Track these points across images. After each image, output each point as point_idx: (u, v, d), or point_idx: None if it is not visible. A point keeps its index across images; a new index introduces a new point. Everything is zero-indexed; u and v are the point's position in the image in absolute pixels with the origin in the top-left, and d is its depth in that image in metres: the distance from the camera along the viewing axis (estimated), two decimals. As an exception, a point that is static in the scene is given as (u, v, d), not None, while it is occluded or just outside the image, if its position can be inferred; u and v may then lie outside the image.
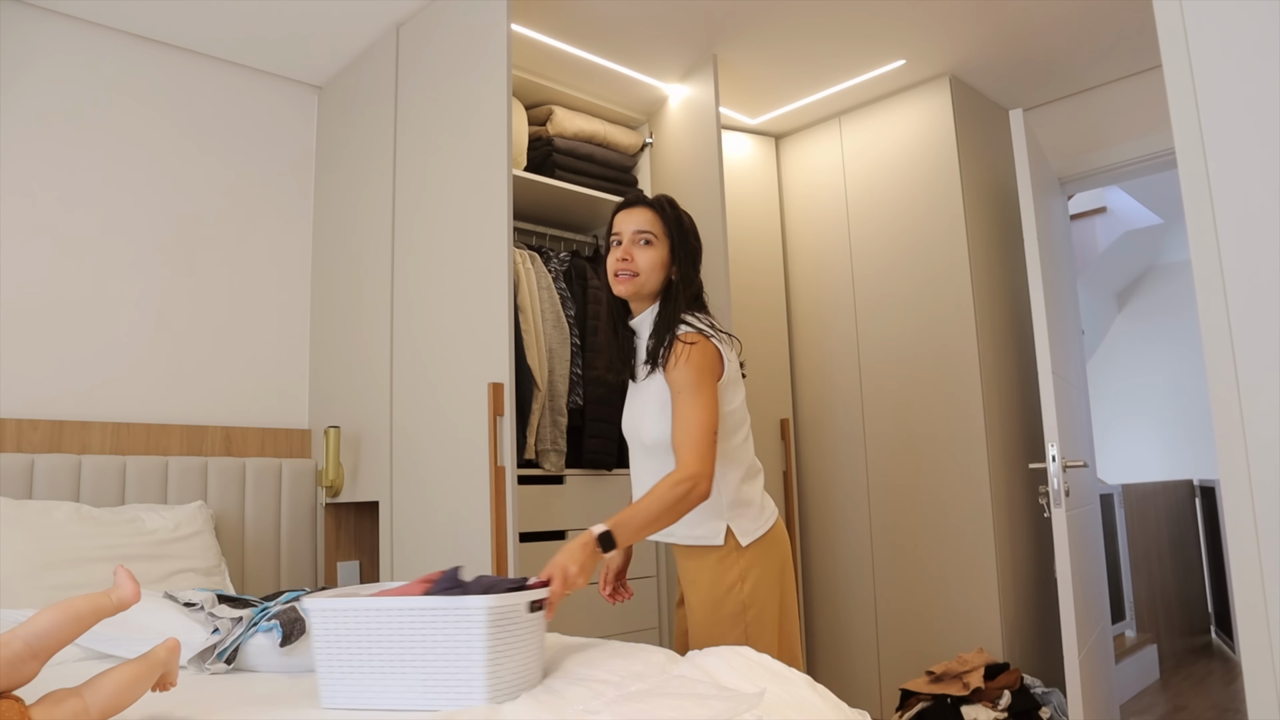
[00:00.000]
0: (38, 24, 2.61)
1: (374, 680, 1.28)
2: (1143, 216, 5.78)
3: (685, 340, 1.74)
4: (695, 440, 1.66)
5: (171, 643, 1.27)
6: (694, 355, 1.72)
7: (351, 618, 1.29)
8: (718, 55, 2.99)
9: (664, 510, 1.62)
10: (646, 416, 1.80)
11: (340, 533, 2.89)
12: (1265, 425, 1.40)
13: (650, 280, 1.82)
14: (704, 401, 1.69)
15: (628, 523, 1.61)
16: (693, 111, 3.20)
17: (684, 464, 1.66)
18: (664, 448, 1.77)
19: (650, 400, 1.80)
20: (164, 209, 2.80)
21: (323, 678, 1.31)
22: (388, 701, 1.27)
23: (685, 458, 1.66)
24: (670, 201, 1.88)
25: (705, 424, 1.68)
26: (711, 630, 1.76)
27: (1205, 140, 1.49)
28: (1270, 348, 1.40)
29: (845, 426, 3.39)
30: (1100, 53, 3.10)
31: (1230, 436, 1.43)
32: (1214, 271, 1.46)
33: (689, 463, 1.65)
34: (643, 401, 1.83)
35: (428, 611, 1.27)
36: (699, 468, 1.65)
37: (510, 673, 1.29)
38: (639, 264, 1.81)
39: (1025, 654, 3.02)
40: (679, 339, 1.74)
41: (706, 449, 1.67)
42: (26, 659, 1.10)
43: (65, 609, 1.16)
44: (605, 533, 1.58)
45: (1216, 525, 4.93)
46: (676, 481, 1.63)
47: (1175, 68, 1.52)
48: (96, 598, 1.20)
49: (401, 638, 1.27)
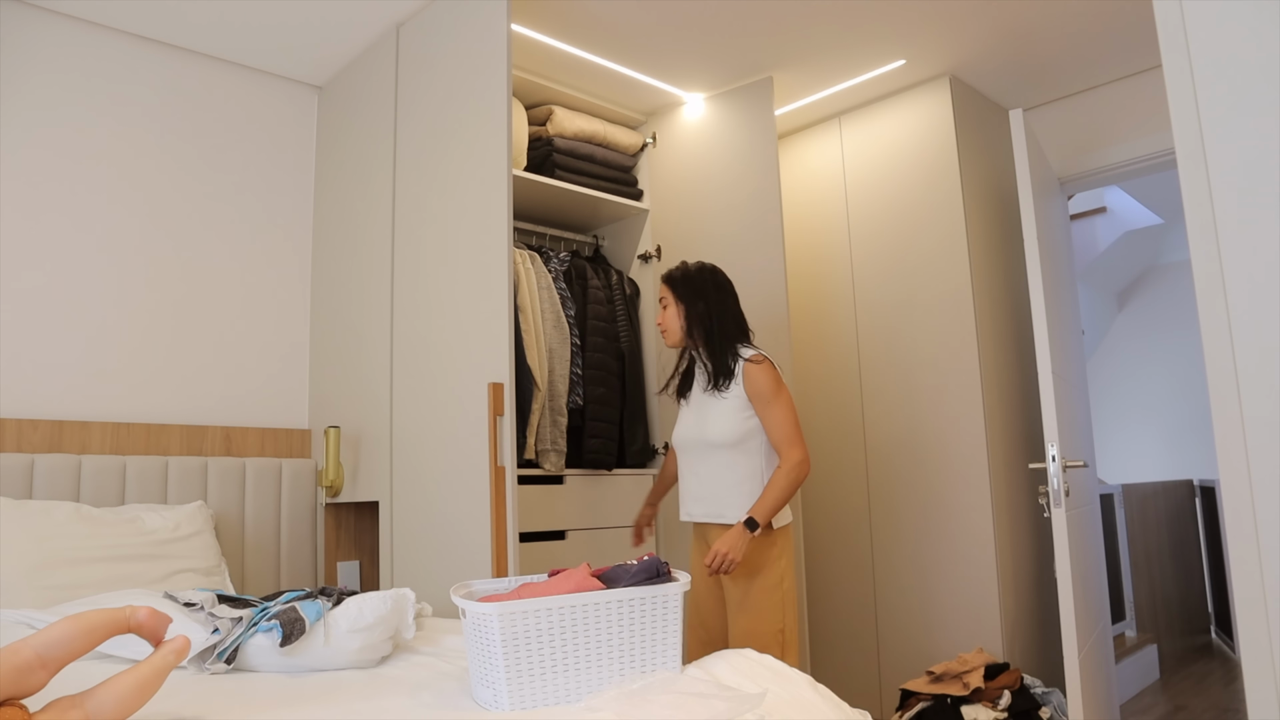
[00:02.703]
0: (38, 24, 2.61)
1: (567, 677, 1.32)
2: (1143, 216, 5.78)
3: (754, 361, 2.28)
4: (790, 434, 2.24)
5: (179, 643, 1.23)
6: (767, 370, 2.27)
7: (546, 617, 1.31)
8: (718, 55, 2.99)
9: (789, 490, 2.21)
10: (716, 423, 2.29)
11: (340, 533, 2.89)
12: (1265, 425, 1.40)
13: (673, 331, 2.38)
14: (785, 402, 2.26)
15: (763, 506, 2.19)
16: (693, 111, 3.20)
17: (789, 454, 2.22)
18: (731, 445, 2.27)
19: (717, 411, 2.30)
20: (164, 209, 2.80)
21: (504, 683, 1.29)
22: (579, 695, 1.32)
23: (788, 450, 2.23)
24: (682, 271, 2.40)
25: (793, 420, 2.26)
26: (747, 597, 2.24)
27: (1205, 140, 1.49)
28: (1270, 348, 1.40)
29: (845, 426, 3.39)
30: (1100, 53, 3.10)
31: (1230, 436, 1.43)
32: (1214, 271, 1.46)
33: (793, 452, 2.22)
34: (707, 413, 2.32)
35: (630, 602, 1.36)
36: (801, 453, 2.23)
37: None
38: (664, 322, 2.40)
39: (1025, 654, 3.02)
40: (748, 361, 2.28)
41: (800, 438, 2.25)
42: (36, 668, 1.10)
43: (79, 622, 1.16)
44: (750, 519, 2.18)
45: (1216, 525, 4.93)
46: (792, 467, 2.21)
47: (1175, 68, 1.53)
48: (113, 613, 1.20)
49: (599, 629, 1.34)
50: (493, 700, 1.30)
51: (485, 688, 1.32)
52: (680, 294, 2.37)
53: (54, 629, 1.14)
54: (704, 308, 2.34)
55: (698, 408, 2.37)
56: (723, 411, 2.29)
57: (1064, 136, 3.45)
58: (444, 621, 2.03)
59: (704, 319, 2.34)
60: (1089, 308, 6.21)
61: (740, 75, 3.11)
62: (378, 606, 1.65)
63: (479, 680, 1.34)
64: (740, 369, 2.29)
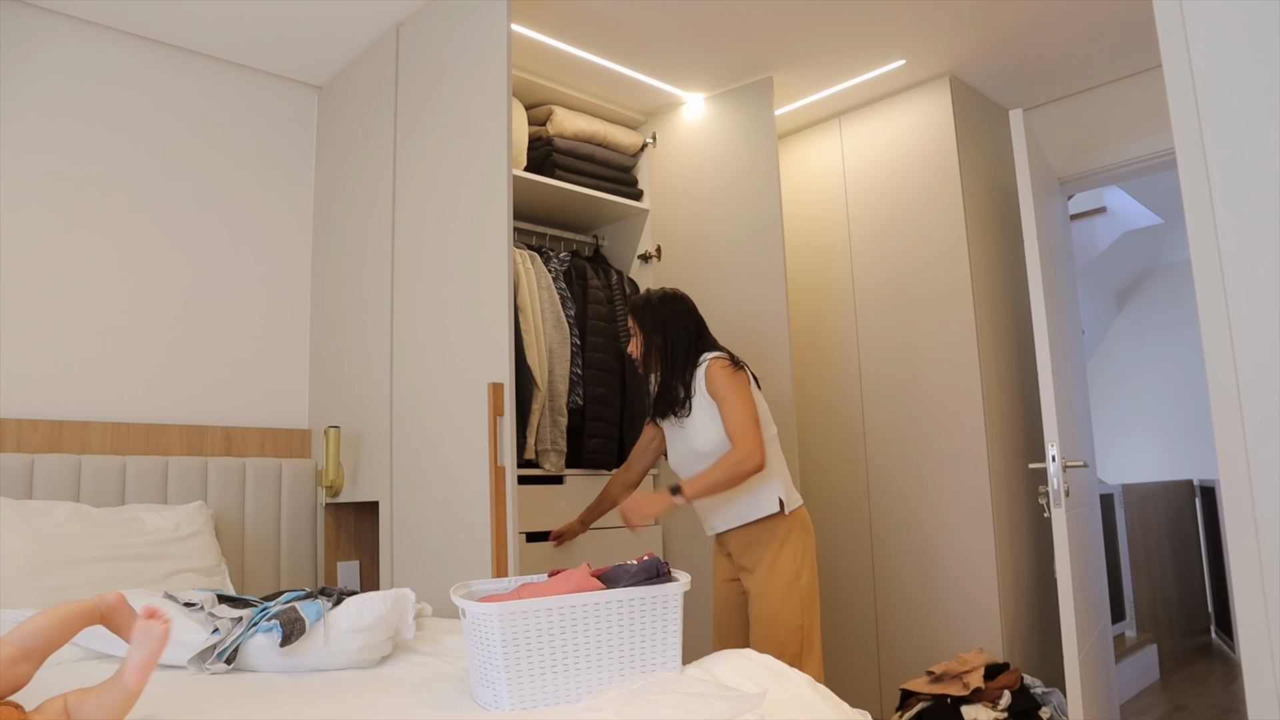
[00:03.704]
0: (38, 24, 2.61)
1: (567, 677, 1.31)
2: (1143, 216, 5.78)
3: (713, 363, 2.31)
4: (741, 428, 2.22)
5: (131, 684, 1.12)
6: (720, 367, 2.30)
7: (546, 617, 1.31)
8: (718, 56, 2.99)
9: (725, 478, 2.18)
10: (699, 434, 2.32)
11: (340, 533, 2.89)
12: (1265, 425, 1.40)
13: (644, 358, 2.44)
14: (742, 399, 2.25)
15: (695, 481, 2.20)
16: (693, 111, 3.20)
17: (737, 445, 2.20)
18: (720, 448, 2.28)
19: (696, 423, 2.33)
20: (163, 208, 2.80)
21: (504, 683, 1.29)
22: (579, 695, 1.31)
23: (737, 441, 2.21)
24: (644, 300, 2.45)
25: (748, 415, 2.23)
26: (765, 593, 2.27)
27: (1205, 140, 1.49)
28: (1270, 348, 1.40)
29: (845, 426, 3.39)
30: (1100, 53, 3.10)
31: (1230, 436, 1.43)
32: (1214, 271, 1.46)
33: (740, 444, 2.20)
34: (690, 427, 2.35)
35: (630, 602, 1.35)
36: (749, 446, 2.19)
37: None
38: (633, 350, 2.46)
39: (1025, 654, 3.03)
40: (707, 365, 2.31)
41: (751, 431, 2.21)
42: (19, 661, 1.13)
43: (54, 614, 1.19)
44: (675, 486, 2.20)
45: (1216, 525, 4.93)
46: (737, 459, 2.18)
47: (1175, 68, 1.52)
48: (85, 603, 1.22)
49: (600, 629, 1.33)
50: (493, 700, 1.30)
51: (485, 688, 1.32)
52: (641, 323, 2.43)
53: (30, 623, 1.17)
54: (661, 339, 2.40)
55: (679, 426, 2.41)
56: (701, 422, 2.33)
57: (1064, 136, 3.45)
58: (444, 621, 2.03)
59: (662, 349, 2.40)
60: (1089, 308, 6.21)
61: (740, 75, 3.11)
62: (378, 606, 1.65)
63: (479, 680, 1.34)
64: (701, 374, 2.33)
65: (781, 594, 2.26)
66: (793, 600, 2.26)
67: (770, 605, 2.26)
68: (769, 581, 2.28)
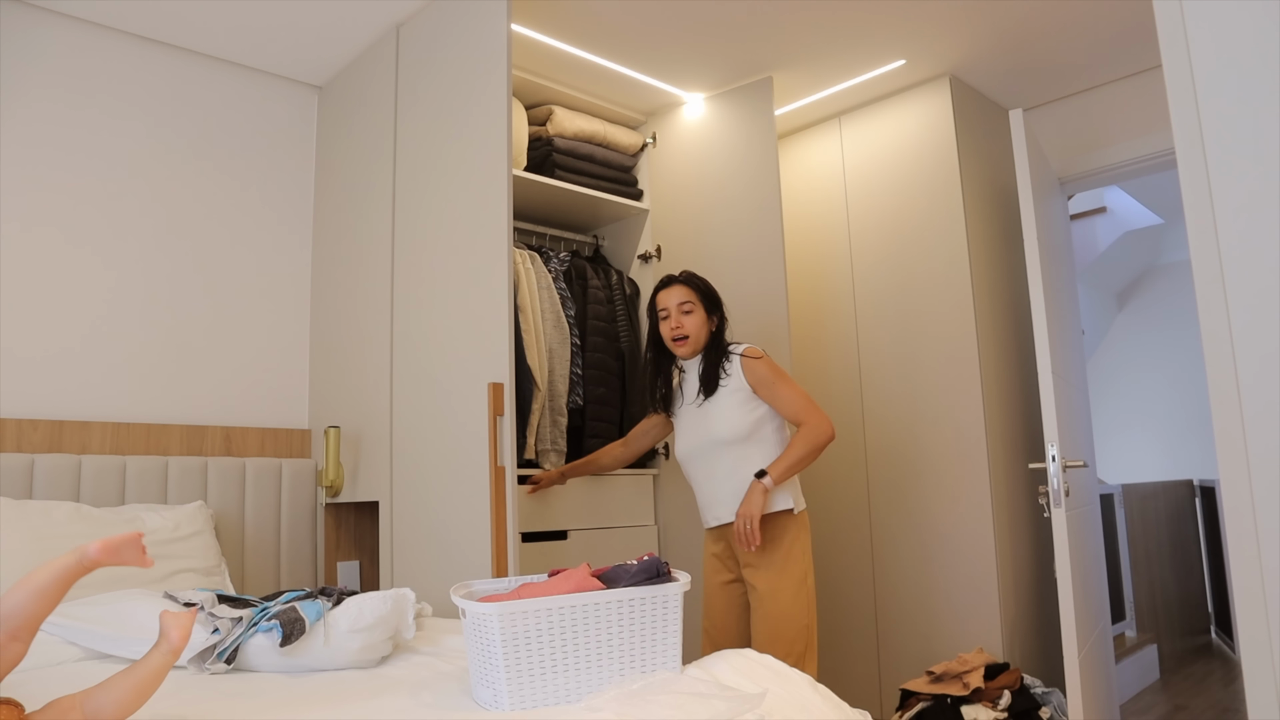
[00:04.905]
0: (38, 24, 2.61)
1: (567, 677, 1.32)
2: (1143, 216, 5.78)
3: (752, 355, 2.35)
4: (804, 405, 2.30)
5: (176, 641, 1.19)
6: (764, 360, 2.35)
7: (546, 617, 1.30)
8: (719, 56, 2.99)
9: (808, 450, 2.25)
10: (722, 420, 2.33)
11: (340, 533, 2.89)
12: (1265, 425, 1.40)
13: (699, 337, 2.41)
14: (790, 381, 2.34)
15: (780, 462, 2.24)
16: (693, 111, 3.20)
17: (808, 421, 2.27)
18: (743, 439, 2.32)
19: (719, 409, 2.34)
20: (164, 209, 2.80)
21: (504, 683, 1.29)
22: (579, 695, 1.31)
23: (806, 417, 2.28)
24: (704, 281, 2.46)
25: (804, 393, 2.33)
26: (775, 593, 2.28)
27: (1205, 140, 1.49)
28: (1270, 348, 1.40)
29: (845, 426, 3.39)
30: (1100, 53, 3.10)
31: (1230, 437, 1.43)
32: (1214, 271, 1.46)
33: (809, 417, 2.28)
34: (709, 414, 2.36)
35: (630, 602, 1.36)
36: (817, 417, 2.27)
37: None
38: (689, 328, 2.40)
39: (1025, 654, 3.03)
40: (744, 356, 2.35)
41: (814, 405, 2.30)
42: (5, 643, 1.09)
43: (26, 585, 1.12)
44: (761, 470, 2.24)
45: (1216, 525, 4.93)
46: (811, 428, 2.26)
47: (1175, 68, 1.52)
48: (55, 563, 1.15)
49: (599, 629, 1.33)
50: (493, 700, 1.30)
51: (485, 688, 1.32)
52: (704, 300, 2.44)
53: (7, 600, 1.11)
54: (717, 321, 2.45)
55: (695, 414, 2.41)
56: (727, 408, 2.34)
57: (1064, 136, 3.45)
58: (444, 621, 2.03)
59: (715, 331, 2.44)
60: (1089, 308, 6.21)
61: (740, 75, 3.11)
62: (378, 606, 1.65)
63: (479, 680, 1.34)
64: (736, 365, 2.36)
65: (793, 592, 2.27)
66: (802, 599, 2.28)
67: (782, 603, 2.27)
68: (781, 580, 2.28)
